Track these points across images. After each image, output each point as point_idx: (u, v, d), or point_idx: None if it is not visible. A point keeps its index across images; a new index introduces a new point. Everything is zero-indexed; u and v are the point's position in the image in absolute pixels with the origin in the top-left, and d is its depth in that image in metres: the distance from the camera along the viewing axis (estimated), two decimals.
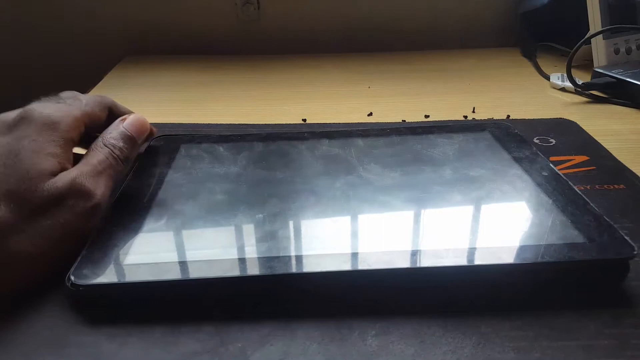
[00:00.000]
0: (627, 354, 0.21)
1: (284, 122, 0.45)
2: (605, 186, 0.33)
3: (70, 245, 0.24)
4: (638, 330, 0.22)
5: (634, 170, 0.35)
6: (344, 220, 0.27)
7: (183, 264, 0.24)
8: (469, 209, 0.28)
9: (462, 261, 0.24)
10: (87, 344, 0.21)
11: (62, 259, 0.24)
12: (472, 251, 0.24)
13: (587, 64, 0.59)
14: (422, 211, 0.28)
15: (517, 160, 0.33)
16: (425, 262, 0.24)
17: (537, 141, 0.40)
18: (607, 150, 0.38)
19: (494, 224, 0.27)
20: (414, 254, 0.24)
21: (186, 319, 0.23)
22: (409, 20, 0.72)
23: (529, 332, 0.22)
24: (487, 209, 0.28)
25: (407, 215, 0.28)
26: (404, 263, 0.24)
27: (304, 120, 0.45)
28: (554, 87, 0.55)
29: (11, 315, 0.23)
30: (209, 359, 0.21)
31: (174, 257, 0.25)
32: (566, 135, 0.41)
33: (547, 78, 0.57)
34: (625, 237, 0.24)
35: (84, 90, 0.57)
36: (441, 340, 0.22)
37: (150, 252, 0.25)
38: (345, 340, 0.21)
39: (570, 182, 0.30)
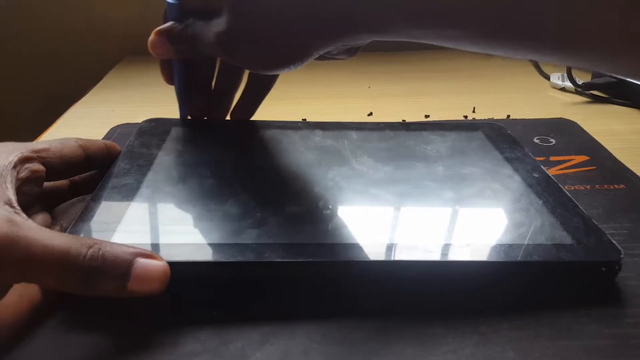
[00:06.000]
0: (627, 354, 0.21)
1: None
2: (606, 186, 0.33)
3: None
4: (638, 330, 0.22)
5: (634, 170, 0.35)
6: (331, 210, 0.27)
7: (171, 246, 0.24)
8: (459, 206, 0.28)
9: (451, 257, 0.24)
10: (84, 343, 0.21)
11: None
12: (462, 248, 0.24)
13: None
14: (411, 206, 0.28)
15: (509, 160, 0.33)
16: (413, 256, 0.24)
17: (537, 141, 0.40)
18: (608, 150, 0.38)
19: (483, 222, 0.27)
20: (404, 247, 0.24)
21: (186, 318, 0.23)
22: None
23: (529, 332, 0.22)
24: (477, 207, 0.28)
25: (396, 208, 0.28)
26: (390, 256, 0.24)
27: (304, 120, 0.45)
28: (554, 87, 0.55)
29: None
30: (209, 358, 0.21)
31: (160, 238, 0.25)
32: (566, 135, 0.41)
33: (547, 78, 0.57)
34: (613, 241, 0.25)
35: (84, 90, 0.57)
36: (441, 340, 0.21)
37: (136, 233, 0.25)
38: (346, 340, 0.21)
39: (560, 185, 0.30)
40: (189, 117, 0.36)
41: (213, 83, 0.35)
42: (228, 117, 0.37)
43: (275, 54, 0.28)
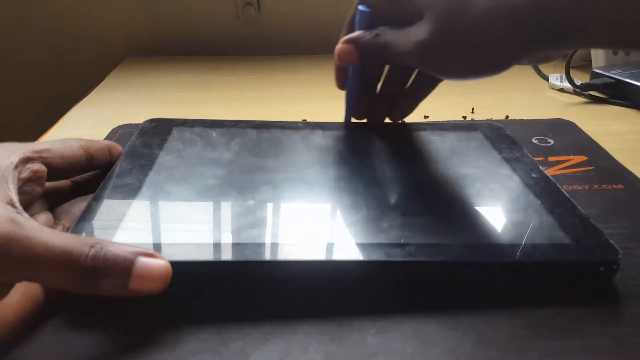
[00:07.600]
0: (626, 353, 0.21)
1: None
2: (604, 186, 0.33)
3: None
4: (637, 329, 0.22)
5: (632, 170, 0.35)
6: (332, 210, 0.27)
7: (172, 246, 0.24)
8: (457, 206, 0.28)
9: (449, 256, 0.24)
10: (86, 342, 0.21)
11: None
12: (460, 248, 0.24)
13: (585, 64, 0.59)
14: (411, 205, 0.28)
15: (507, 160, 0.33)
16: (412, 255, 0.24)
17: (535, 141, 0.40)
18: (606, 151, 0.38)
19: (481, 222, 0.27)
20: (403, 246, 0.24)
21: (187, 317, 0.23)
22: None
23: (528, 331, 0.22)
24: (475, 207, 0.29)
25: (395, 208, 0.28)
26: (389, 256, 0.24)
27: (304, 120, 0.46)
28: (553, 87, 0.55)
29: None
30: (209, 357, 0.21)
31: (162, 238, 0.25)
32: (565, 135, 0.41)
33: (546, 79, 0.57)
34: (611, 241, 0.25)
35: (86, 90, 0.57)
36: (440, 339, 0.22)
37: (138, 233, 0.25)
38: (345, 339, 0.22)
39: (558, 185, 0.30)
40: (352, 120, 0.37)
41: (378, 86, 0.35)
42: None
43: (480, 62, 0.27)
